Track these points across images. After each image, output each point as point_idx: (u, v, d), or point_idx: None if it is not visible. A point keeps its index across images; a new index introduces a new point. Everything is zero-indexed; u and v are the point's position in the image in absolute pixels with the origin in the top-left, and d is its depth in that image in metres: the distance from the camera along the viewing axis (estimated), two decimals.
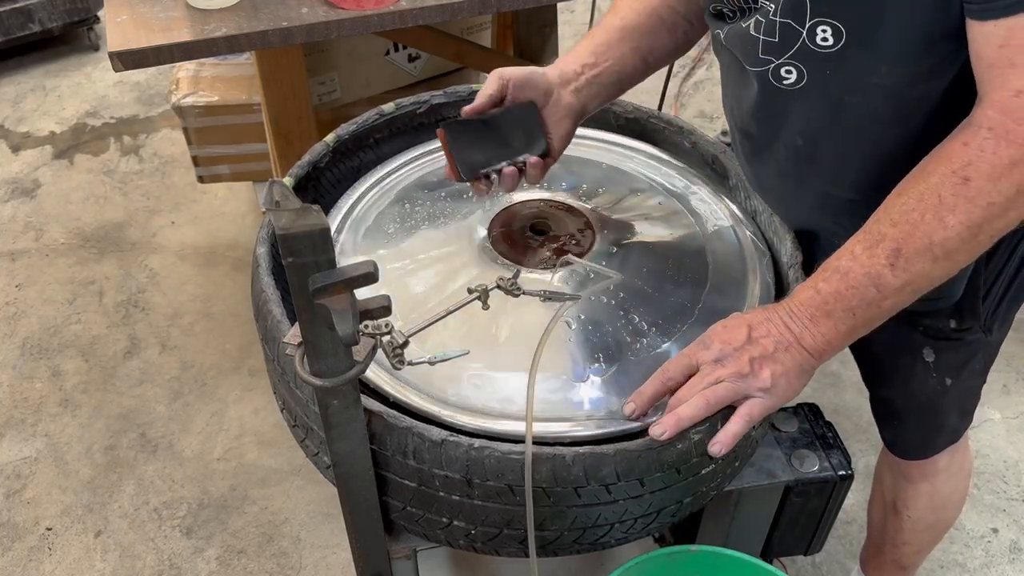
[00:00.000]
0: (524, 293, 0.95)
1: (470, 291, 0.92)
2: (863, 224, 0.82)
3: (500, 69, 1.00)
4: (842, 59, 0.83)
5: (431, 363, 0.89)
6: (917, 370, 1.09)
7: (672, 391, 0.86)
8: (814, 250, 1.05)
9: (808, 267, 1.03)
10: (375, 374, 0.90)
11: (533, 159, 0.99)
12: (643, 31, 1.04)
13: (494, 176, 0.99)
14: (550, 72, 1.01)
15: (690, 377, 0.85)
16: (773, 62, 0.88)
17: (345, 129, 1.17)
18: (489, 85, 0.99)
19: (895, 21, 0.79)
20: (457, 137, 0.97)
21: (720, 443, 0.83)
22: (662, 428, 0.80)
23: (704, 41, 1.27)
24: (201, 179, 2.32)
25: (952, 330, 1.04)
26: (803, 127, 0.92)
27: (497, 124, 0.98)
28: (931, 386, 1.10)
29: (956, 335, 1.05)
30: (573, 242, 1.05)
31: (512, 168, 0.99)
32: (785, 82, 0.89)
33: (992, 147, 0.74)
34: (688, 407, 0.81)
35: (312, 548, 1.76)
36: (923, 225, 0.76)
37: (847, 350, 1.08)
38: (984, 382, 1.16)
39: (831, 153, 0.92)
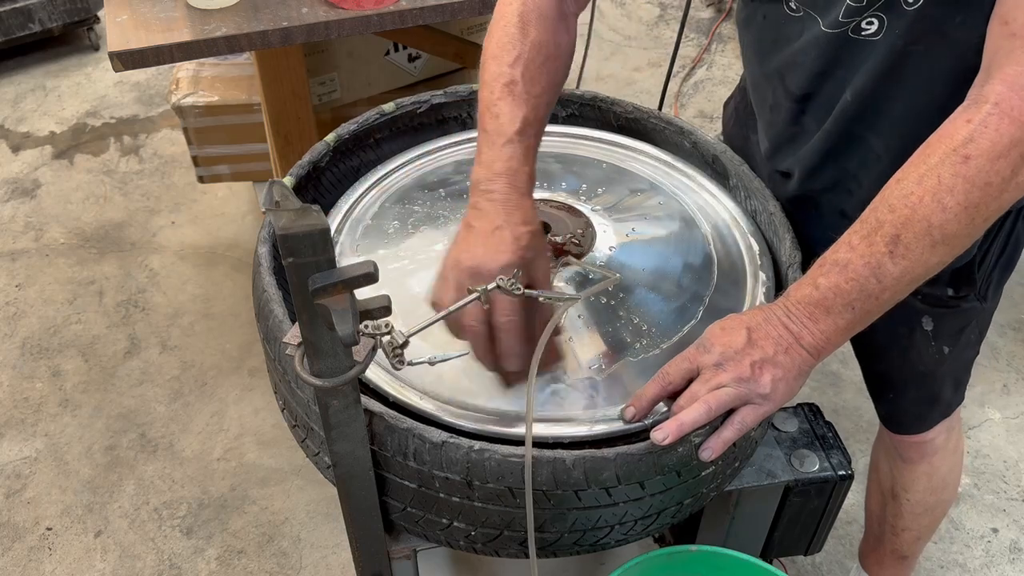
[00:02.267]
0: (524, 293, 0.95)
1: (470, 291, 0.92)
2: (878, 187, 0.81)
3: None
4: (923, 9, 0.83)
5: (431, 363, 0.88)
6: (916, 339, 1.10)
7: (672, 394, 0.85)
8: (813, 241, 1.05)
9: (804, 252, 1.03)
10: (375, 374, 0.90)
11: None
12: (559, 77, 0.98)
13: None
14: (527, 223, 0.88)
15: (690, 380, 0.84)
16: (856, 19, 0.87)
17: (346, 129, 1.17)
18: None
19: None
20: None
21: (710, 448, 0.83)
22: (664, 433, 0.80)
23: (704, 40, 1.27)
24: (201, 179, 2.32)
25: (949, 298, 1.06)
26: (864, 80, 0.90)
27: None
28: (929, 355, 1.12)
29: (953, 302, 1.07)
30: (573, 242, 1.05)
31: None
32: (864, 32, 0.88)
33: (995, 124, 0.73)
34: (690, 412, 0.81)
35: (312, 548, 1.76)
36: (922, 208, 0.75)
37: (850, 346, 1.09)
38: (977, 353, 1.18)
39: (883, 109, 0.91)
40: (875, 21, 0.86)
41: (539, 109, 0.93)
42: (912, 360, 1.14)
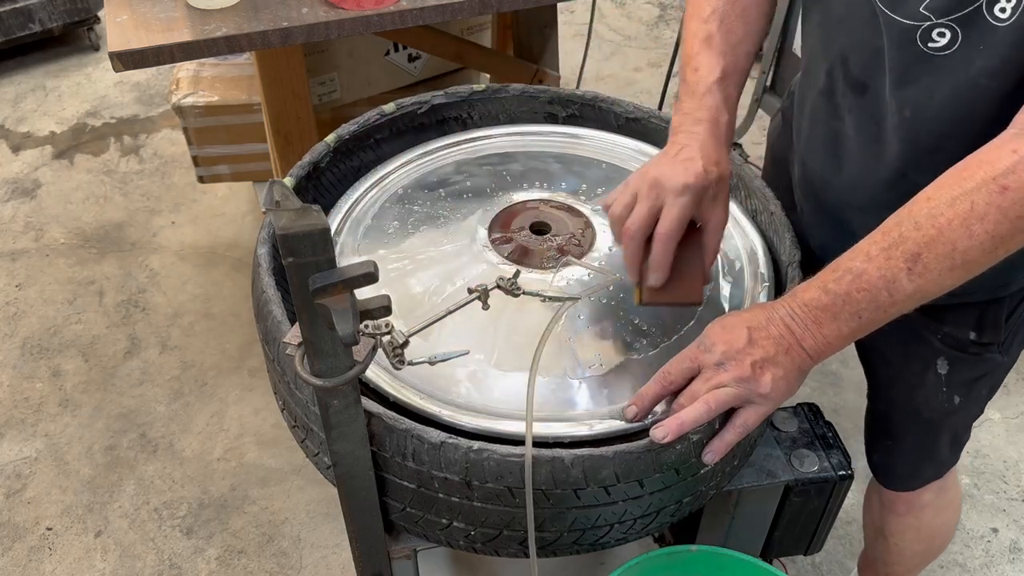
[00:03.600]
0: (524, 293, 0.95)
1: (470, 291, 0.92)
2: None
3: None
4: (1007, 34, 0.75)
5: (431, 363, 0.88)
6: (927, 380, 1.07)
7: (673, 393, 0.85)
8: (840, 239, 1.02)
9: (807, 255, 1.02)
10: (375, 374, 0.90)
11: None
12: (759, 24, 0.98)
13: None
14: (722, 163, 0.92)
15: (690, 379, 0.84)
16: (931, 20, 0.79)
17: (346, 129, 1.17)
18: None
19: None
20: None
21: (714, 451, 0.83)
22: (664, 431, 0.80)
23: None
24: (201, 179, 2.32)
25: (971, 342, 1.02)
26: (921, 99, 0.84)
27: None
28: (938, 401, 1.08)
29: (974, 349, 1.03)
30: (573, 242, 1.05)
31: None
32: (931, 45, 0.80)
33: None
34: (690, 411, 0.81)
35: (312, 548, 1.76)
36: (949, 231, 0.74)
37: (852, 350, 1.06)
38: (981, 412, 1.14)
39: (932, 132, 0.85)
40: (947, 33, 0.78)
41: (739, 59, 0.95)
42: (917, 403, 1.10)
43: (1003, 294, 0.98)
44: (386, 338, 0.80)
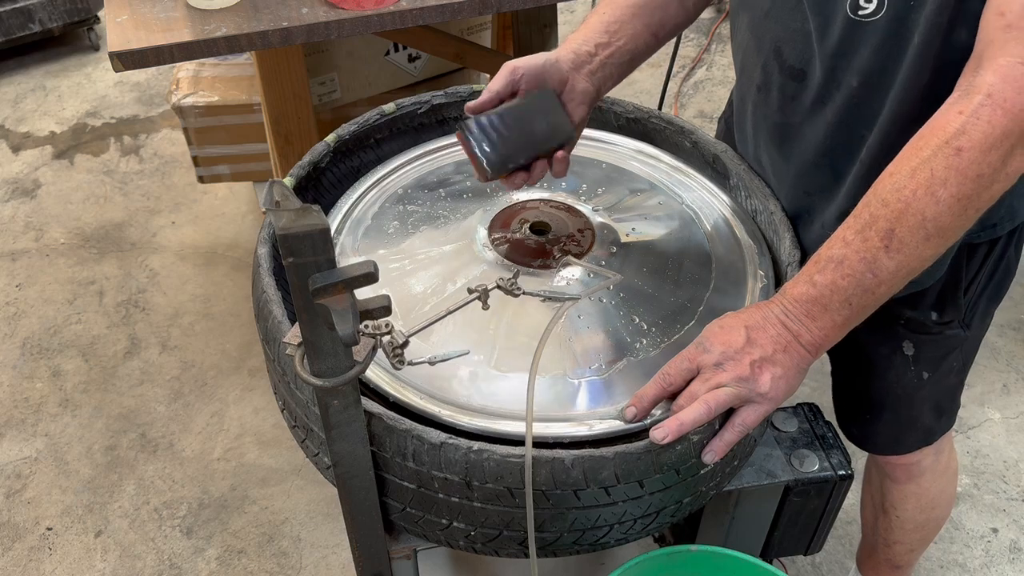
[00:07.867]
0: (524, 293, 0.95)
1: (470, 291, 0.92)
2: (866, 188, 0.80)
3: (512, 61, 0.97)
4: None
5: (431, 363, 0.89)
6: (895, 362, 1.09)
7: (672, 394, 0.85)
8: (808, 229, 1.05)
9: (801, 242, 1.03)
10: (375, 374, 0.90)
11: (560, 153, 0.97)
12: (655, 5, 1.02)
13: (524, 170, 0.98)
14: (563, 58, 0.98)
15: (690, 379, 0.85)
16: None
17: (346, 129, 1.17)
18: (498, 80, 0.96)
19: None
20: (476, 135, 0.95)
21: (714, 451, 0.83)
22: (664, 432, 0.80)
23: (704, 40, 1.25)
24: (201, 179, 2.32)
25: (933, 323, 1.05)
26: (864, 66, 0.87)
27: (517, 116, 0.96)
28: (908, 379, 1.10)
29: (937, 329, 1.06)
30: (573, 242, 1.05)
31: (543, 162, 0.98)
32: (861, 12, 0.85)
33: (988, 115, 0.73)
34: (690, 412, 0.81)
35: (312, 548, 1.76)
36: (915, 202, 0.75)
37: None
38: (962, 383, 1.16)
39: (882, 97, 0.88)
40: (873, 0, 0.84)
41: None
42: (889, 382, 1.12)
43: (942, 278, 1.01)
44: (386, 338, 0.80)
